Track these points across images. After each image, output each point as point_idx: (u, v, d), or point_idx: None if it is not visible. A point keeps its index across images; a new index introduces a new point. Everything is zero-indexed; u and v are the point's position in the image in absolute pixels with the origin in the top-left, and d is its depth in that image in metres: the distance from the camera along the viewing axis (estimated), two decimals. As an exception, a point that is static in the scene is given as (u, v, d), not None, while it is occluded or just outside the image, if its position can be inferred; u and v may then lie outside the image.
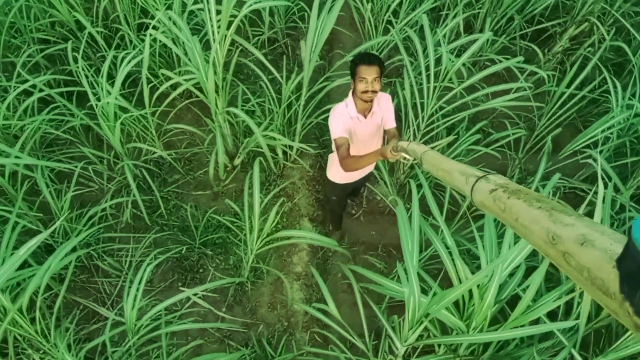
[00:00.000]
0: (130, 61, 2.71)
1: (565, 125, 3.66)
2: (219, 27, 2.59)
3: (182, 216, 3.24)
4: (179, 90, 2.88)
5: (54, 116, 2.81)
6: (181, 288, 2.99)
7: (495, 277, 1.91)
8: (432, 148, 1.67)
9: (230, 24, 2.65)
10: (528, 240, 0.69)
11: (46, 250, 2.83)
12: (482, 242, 2.06)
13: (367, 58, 2.02)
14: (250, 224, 2.50)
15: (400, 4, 3.57)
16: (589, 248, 0.52)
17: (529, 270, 2.03)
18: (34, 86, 2.88)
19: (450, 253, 2.00)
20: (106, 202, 2.88)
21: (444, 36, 3.05)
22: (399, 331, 2.03)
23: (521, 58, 2.60)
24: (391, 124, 2.33)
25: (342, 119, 2.16)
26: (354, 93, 2.14)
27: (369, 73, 2.01)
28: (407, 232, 1.77)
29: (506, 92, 3.15)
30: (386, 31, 3.53)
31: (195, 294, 2.90)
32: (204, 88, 2.61)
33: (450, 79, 2.66)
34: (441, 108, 3.02)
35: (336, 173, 2.55)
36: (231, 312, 2.95)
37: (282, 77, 3.00)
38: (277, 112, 3.09)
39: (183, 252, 3.10)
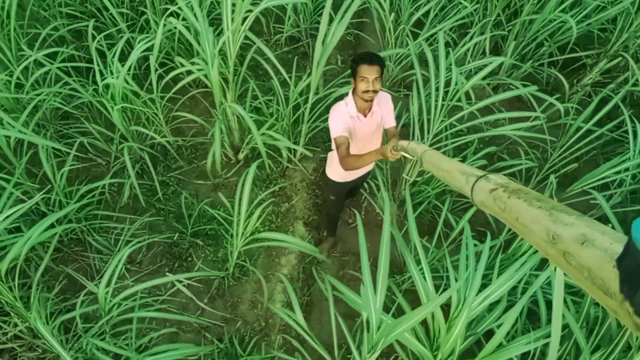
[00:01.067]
0: (145, 44, 2.74)
1: (585, 161, 3.50)
2: (232, 20, 2.59)
3: (178, 203, 3.26)
4: (189, 78, 2.90)
5: (66, 90, 2.86)
6: (167, 274, 3.02)
7: (464, 308, 1.83)
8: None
9: (245, 18, 2.66)
10: (528, 239, 0.69)
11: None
12: (462, 270, 1.99)
13: (368, 58, 2.00)
14: (237, 220, 2.49)
15: (426, 15, 3.49)
16: (589, 247, 0.52)
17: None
18: (55, 59, 2.97)
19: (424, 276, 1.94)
20: (106, 180, 2.93)
21: (464, 54, 2.96)
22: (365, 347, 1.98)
23: (534, 87, 2.48)
24: (391, 123, 2.32)
25: (342, 117, 2.16)
26: (354, 92, 2.14)
27: (370, 73, 1.99)
28: (364, 245, 1.73)
29: (525, 119, 3.04)
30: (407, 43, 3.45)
31: (180, 282, 2.93)
32: (209, 79, 2.61)
33: (459, 99, 2.57)
34: (453, 126, 2.94)
35: (335, 171, 2.56)
36: (212, 304, 2.95)
37: (291, 77, 2.98)
38: (282, 113, 3.07)
39: (175, 238, 3.13)
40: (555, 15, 3.00)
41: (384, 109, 2.27)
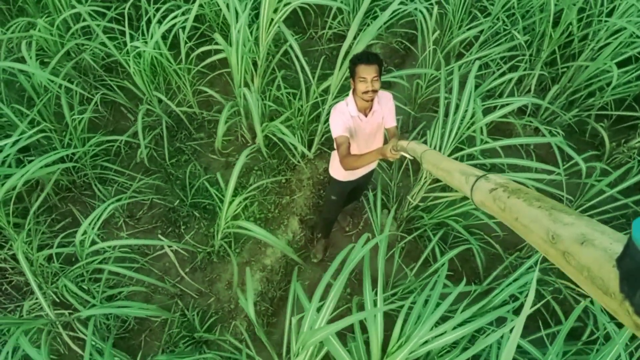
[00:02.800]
0: (181, 14, 2.81)
1: (612, 226, 3.21)
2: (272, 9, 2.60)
3: (187, 171, 3.35)
4: (218, 56, 2.94)
5: (102, 47, 3.01)
6: (159, 236, 3.13)
7: (406, 344, 1.75)
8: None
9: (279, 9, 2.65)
10: (528, 239, 0.69)
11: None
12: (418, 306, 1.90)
13: (365, 57, 1.96)
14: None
15: (476, 39, 3.31)
16: (589, 247, 0.52)
17: None
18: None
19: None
20: (118, 137, 3.07)
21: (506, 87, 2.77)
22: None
23: (559, 139, 2.29)
24: (391, 122, 2.28)
25: (342, 117, 2.14)
26: (354, 93, 2.10)
27: (368, 72, 1.96)
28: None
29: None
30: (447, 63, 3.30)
31: (169, 246, 3.03)
32: (228, 60, 2.64)
33: (475, 131, 2.43)
34: (470, 157, 2.80)
35: (338, 170, 2.55)
36: (192, 275, 3.02)
37: (315, 75, 2.95)
38: (300, 108, 3.05)
39: (175, 204, 3.23)
40: (608, 66, 2.73)
41: (385, 108, 2.23)
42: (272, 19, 2.72)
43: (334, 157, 2.52)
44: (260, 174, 3.44)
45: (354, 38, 2.53)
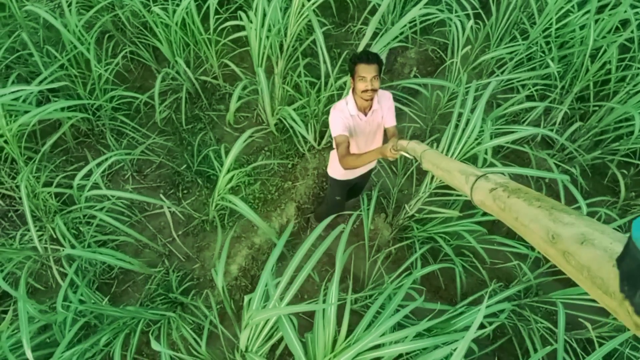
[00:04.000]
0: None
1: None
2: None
3: (198, 139, 3.42)
4: (242, 33, 2.97)
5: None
6: (161, 195, 3.22)
7: (352, 346, 1.75)
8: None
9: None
10: (528, 239, 0.68)
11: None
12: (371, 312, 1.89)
13: (365, 57, 1.94)
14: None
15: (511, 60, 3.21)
16: (588, 247, 0.52)
17: None
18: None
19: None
20: (144, 96, 3.16)
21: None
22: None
23: (567, 177, 2.20)
24: (391, 122, 2.26)
25: (341, 116, 2.13)
26: (353, 92, 2.08)
27: (367, 72, 1.94)
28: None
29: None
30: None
31: (168, 208, 3.12)
32: (248, 38, 2.66)
33: (479, 152, 2.37)
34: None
35: (336, 169, 2.54)
36: (184, 239, 3.10)
37: (335, 68, 2.93)
38: (316, 98, 3.05)
39: (181, 168, 3.31)
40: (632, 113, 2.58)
41: (385, 107, 2.20)
42: (304, 5, 2.72)
43: (333, 156, 2.51)
44: (269, 155, 3.48)
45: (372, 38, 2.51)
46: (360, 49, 2.48)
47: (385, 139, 2.36)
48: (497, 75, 3.09)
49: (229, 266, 2.98)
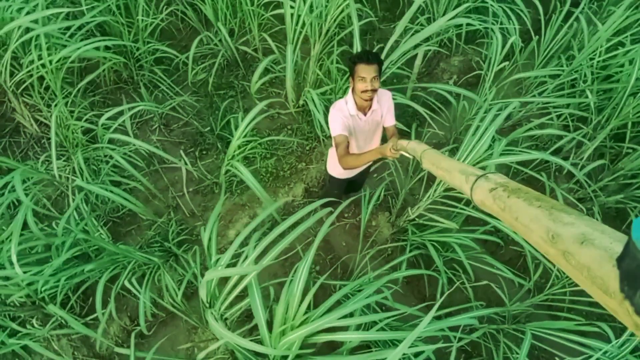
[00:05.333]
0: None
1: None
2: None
3: (226, 105, 3.50)
4: (278, 10, 3.00)
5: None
6: (181, 151, 3.34)
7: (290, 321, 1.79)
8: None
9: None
10: (528, 239, 0.68)
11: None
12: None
13: (365, 57, 1.89)
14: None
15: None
16: (588, 247, 0.51)
17: None
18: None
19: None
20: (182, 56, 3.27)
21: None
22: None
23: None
24: (391, 121, 2.23)
25: (341, 116, 2.10)
26: (353, 91, 2.05)
27: (367, 72, 1.90)
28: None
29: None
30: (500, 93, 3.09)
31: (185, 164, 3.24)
32: (285, 15, 2.68)
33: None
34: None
35: (335, 168, 2.53)
36: (193, 196, 3.21)
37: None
38: (342, 86, 3.05)
39: (205, 130, 3.41)
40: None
41: (385, 106, 2.17)
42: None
43: (332, 154, 2.49)
44: (290, 134, 3.52)
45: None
46: (388, 46, 2.45)
47: (385, 139, 2.34)
48: (533, 96, 2.96)
49: (227, 230, 3.07)
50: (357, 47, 2.86)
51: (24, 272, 1.99)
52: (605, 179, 2.92)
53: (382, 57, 2.58)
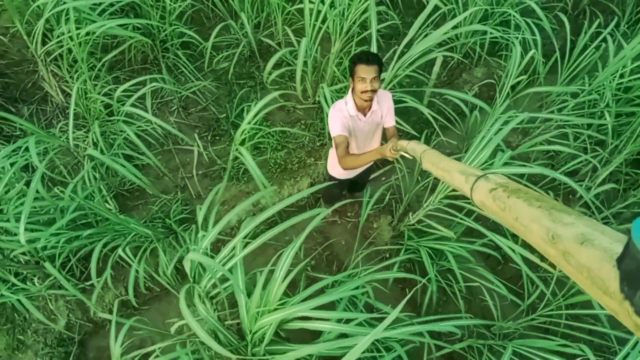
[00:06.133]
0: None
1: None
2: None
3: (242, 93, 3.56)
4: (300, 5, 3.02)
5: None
6: (195, 135, 3.41)
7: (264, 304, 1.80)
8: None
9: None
10: (528, 239, 0.67)
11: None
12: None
13: (365, 57, 1.88)
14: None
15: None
16: (588, 247, 0.51)
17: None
18: None
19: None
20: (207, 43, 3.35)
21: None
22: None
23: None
24: (391, 122, 2.21)
25: (340, 116, 2.09)
26: (353, 92, 2.04)
27: (367, 73, 1.89)
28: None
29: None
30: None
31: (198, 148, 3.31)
32: (304, 9, 2.71)
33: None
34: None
35: (335, 168, 2.53)
36: (201, 179, 3.27)
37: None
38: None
39: (221, 117, 3.48)
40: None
41: (385, 107, 2.15)
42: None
43: (332, 154, 2.48)
44: (304, 129, 3.54)
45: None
46: (400, 48, 2.43)
47: (385, 139, 2.32)
48: (553, 112, 2.88)
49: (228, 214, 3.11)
50: (374, 49, 2.86)
51: (28, 230, 2.08)
52: (618, 206, 2.80)
53: (395, 58, 2.57)
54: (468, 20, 3.25)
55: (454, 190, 2.46)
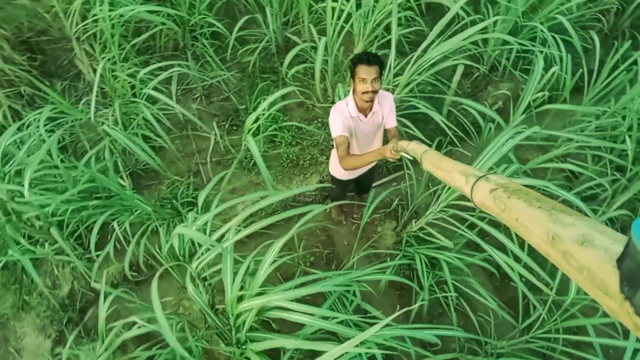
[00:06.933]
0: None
1: None
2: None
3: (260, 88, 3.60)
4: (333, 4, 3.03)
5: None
6: (214, 123, 3.47)
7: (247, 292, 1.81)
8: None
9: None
10: (528, 240, 0.68)
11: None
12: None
13: (366, 58, 1.85)
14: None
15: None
16: (589, 248, 0.51)
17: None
18: None
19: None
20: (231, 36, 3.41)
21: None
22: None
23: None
24: (392, 123, 2.18)
25: (341, 117, 2.07)
26: (354, 92, 2.02)
27: (368, 73, 1.87)
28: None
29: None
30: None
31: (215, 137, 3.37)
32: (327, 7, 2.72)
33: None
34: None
35: (337, 169, 2.52)
36: (215, 166, 3.33)
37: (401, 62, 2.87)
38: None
39: (241, 107, 3.54)
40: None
41: (386, 108, 2.12)
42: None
43: (334, 155, 2.46)
44: (320, 127, 3.55)
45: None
46: (417, 53, 2.40)
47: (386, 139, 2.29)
48: (569, 132, 2.77)
49: (237, 203, 3.15)
50: (393, 52, 2.84)
51: (39, 194, 2.18)
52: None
53: (411, 63, 2.54)
54: (491, 28, 3.17)
55: (455, 199, 2.41)
